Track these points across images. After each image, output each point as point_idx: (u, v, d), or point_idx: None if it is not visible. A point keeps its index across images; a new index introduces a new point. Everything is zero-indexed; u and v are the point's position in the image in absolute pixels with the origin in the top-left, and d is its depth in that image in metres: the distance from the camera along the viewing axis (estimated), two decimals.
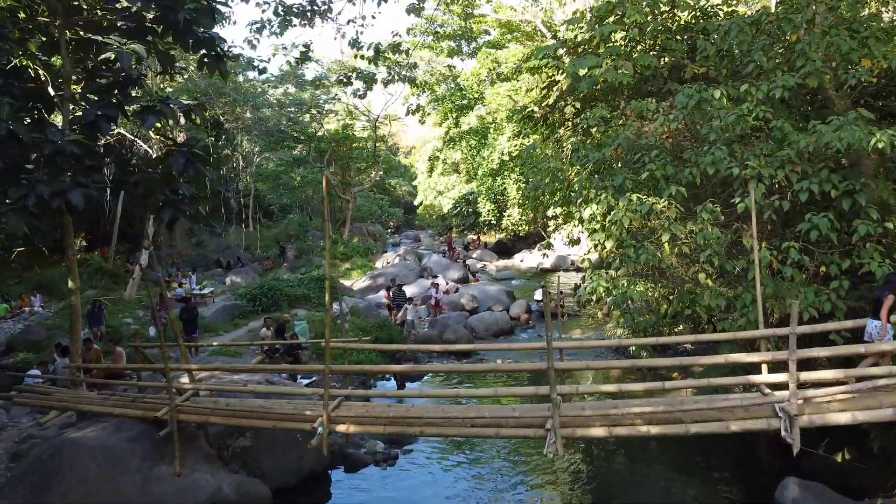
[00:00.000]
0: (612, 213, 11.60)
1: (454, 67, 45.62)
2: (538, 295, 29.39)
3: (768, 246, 10.65)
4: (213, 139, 38.55)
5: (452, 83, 48.77)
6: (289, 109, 41.01)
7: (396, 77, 22.12)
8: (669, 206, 11.03)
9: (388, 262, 39.44)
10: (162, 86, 28.10)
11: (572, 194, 17.85)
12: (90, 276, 32.12)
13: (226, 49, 13.24)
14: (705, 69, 14.41)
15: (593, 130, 15.12)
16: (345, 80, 18.19)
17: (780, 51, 12.19)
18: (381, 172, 60.65)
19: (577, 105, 15.60)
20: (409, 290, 28.98)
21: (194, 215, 12.31)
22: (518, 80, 46.01)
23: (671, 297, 11.98)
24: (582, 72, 14.88)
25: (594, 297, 12.44)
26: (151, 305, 19.94)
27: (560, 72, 16.88)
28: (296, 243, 42.63)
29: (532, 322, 27.35)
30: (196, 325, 18.63)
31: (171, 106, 11.81)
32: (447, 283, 30.68)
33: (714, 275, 11.13)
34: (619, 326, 15.18)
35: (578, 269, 41.14)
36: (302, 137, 43.33)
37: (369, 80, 18.90)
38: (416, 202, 69.34)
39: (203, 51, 12.27)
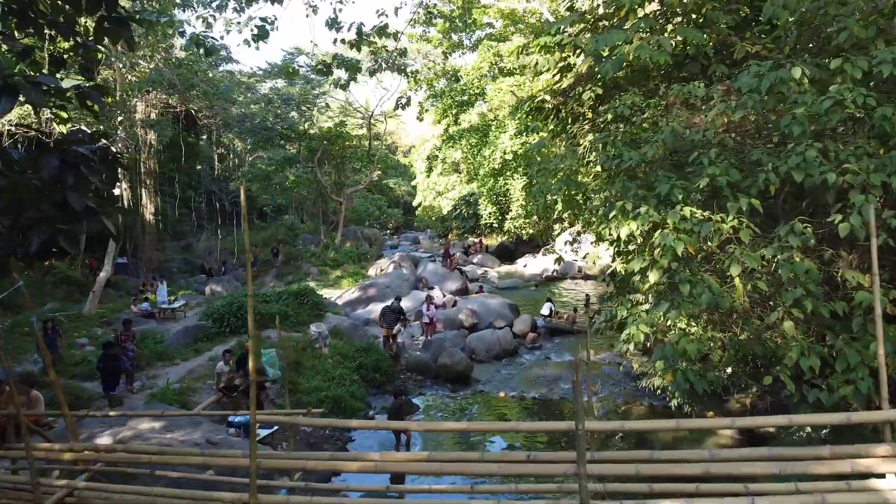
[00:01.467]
0: (658, 233, 8.40)
1: (449, 55, 42.32)
2: (545, 309, 26.22)
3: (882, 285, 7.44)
4: (187, 135, 35.76)
5: (451, 76, 45.67)
6: (275, 105, 37.76)
7: (384, 65, 18.74)
8: (741, 227, 7.82)
9: (381, 270, 36.24)
10: (130, 78, 24.94)
11: (590, 202, 14.80)
12: (55, 286, 29.03)
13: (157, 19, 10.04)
14: (759, 47, 11.18)
15: (615, 126, 11.89)
16: (323, 68, 14.80)
17: (883, 18, 8.94)
18: (378, 172, 57.56)
19: (598, 92, 12.35)
20: (403, 305, 25.77)
21: (73, 239, 9.01)
22: (522, 75, 42.88)
23: (739, 353, 8.72)
24: (605, 51, 11.69)
25: (630, 344, 9.22)
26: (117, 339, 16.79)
27: (576, 53, 13.65)
28: (284, 248, 39.44)
29: (539, 341, 24.14)
30: (116, 380, 14.89)
31: (46, 86, 8.54)
32: (444, 296, 27.49)
33: (804, 322, 7.90)
34: (663, 379, 11.89)
35: (587, 277, 37.99)
36: (292, 135, 40.13)
37: (352, 69, 15.52)
38: (414, 203, 66.20)
39: (101, 12, 8.99)
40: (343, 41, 16.14)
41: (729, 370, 9.65)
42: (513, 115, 42.75)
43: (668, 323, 8.65)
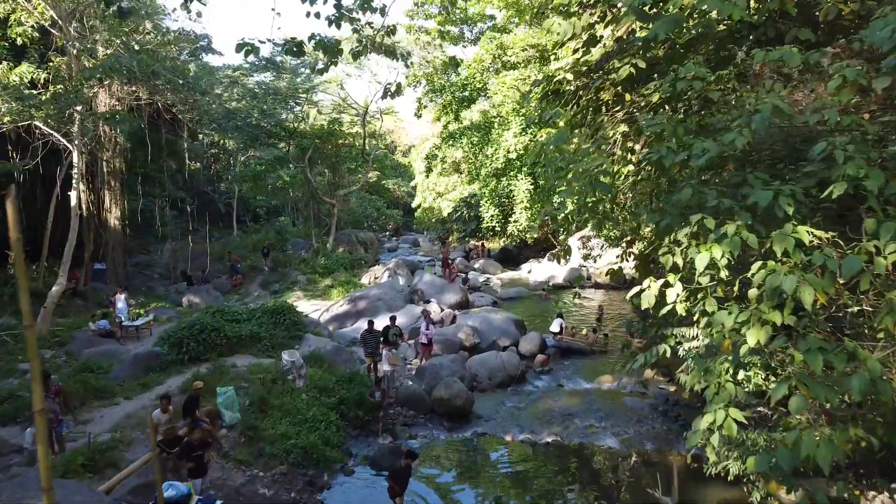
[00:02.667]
0: (762, 270, 5.28)
1: (446, 35, 39.08)
2: (555, 326, 23.07)
3: None
4: (165, 133, 32.55)
5: (450, 62, 42.46)
6: (261, 101, 34.53)
7: (369, 46, 15.50)
8: None
9: (375, 278, 33.11)
10: (88, 65, 21.76)
11: (623, 210, 11.77)
12: (13, 297, 25.92)
13: None
14: (855, 4, 8.00)
15: (668, 110, 8.77)
16: (293, 48, 11.52)
17: None
18: (376, 173, 54.33)
19: (642, 65, 9.17)
20: (397, 321, 22.64)
21: None
22: (526, 68, 39.73)
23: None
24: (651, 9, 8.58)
25: (712, 438, 6.05)
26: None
27: (605, 22, 10.49)
28: (273, 253, 36.29)
29: (549, 364, 21.00)
30: None
31: None
32: (441, 311, 24.37)
33: None
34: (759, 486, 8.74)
35: (597, 286, 34.82)
36: (282, 133, 36.94)
37: (331, 50, 12.23)
38: (414, 204, 63.06)
39: None
40: (317, 15, 13.04)
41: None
42: (522, 105, 39.61)
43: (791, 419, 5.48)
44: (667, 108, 8.51)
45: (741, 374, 6.63)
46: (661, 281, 6.52)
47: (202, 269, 35.75)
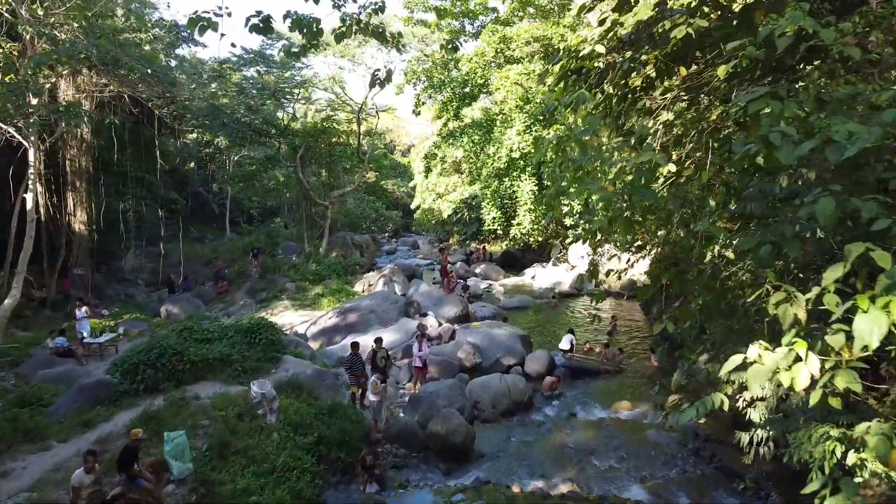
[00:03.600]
0: None
1: (441, 31, 36.54)
2: (565, 343, 20.62)
3: None
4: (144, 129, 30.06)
5: (448, 51, 39.91)
6: (248, 96, 32.03)
7: (355, 27, 12.94)
8: None
9: (368, 286, 30.61)
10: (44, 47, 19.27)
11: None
12: None
13: None
14: None
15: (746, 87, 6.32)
16: (260, 24, 8.89)
17: None
18: (374, 173, 51.80)
19: (702, 24, 6.66)
20: (389, 338, 20.18)
21: None
22: (531, 62, 37.21)
23: None
24: None
25: None
26: None
27: None
28: (262, 258, 33.80)
29: (559, 387, 18.51)
30: None
31: None
32: (439, 325, 21.89)
33: None
34: None
35: (607, 293, 32.24)
36: (272, 131, 34.42)
37: (308, 29, 9.59)
38: (413, 205, 60.57)
39: None
40: None
41: None
42: (526, 101, 37.11)
43: None
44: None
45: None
46: (782, 352, 4.02)
47: (185, 276, 33.21)
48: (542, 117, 36.72)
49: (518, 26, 38.31)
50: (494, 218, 39.09)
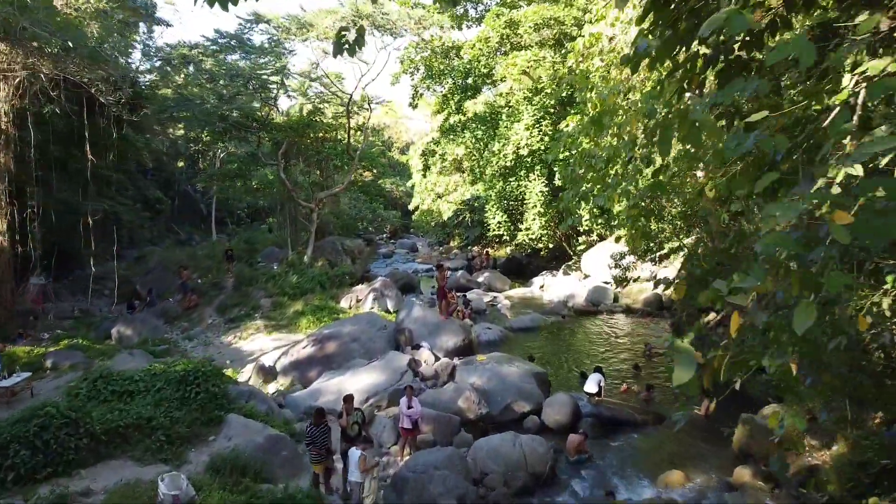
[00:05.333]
0: None
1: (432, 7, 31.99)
2: (591, 384, 16.28)
3: None
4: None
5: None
6: (221, 84, 27.63)
7: None
8: None
9: (356, 301, 26.24)
10: None
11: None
12: None
13: None
14: None
15: None
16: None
17: None
18: (370, 172, 47.26)
19: None
20: (372, 380, 15.88)
21: None
22: (541, 47, 32.79)
23: None
24: None
25: None
26: None
27: None
28: (237, 267, 29.43)
29: (587, 448, 14.14)
30: None
31: None
32: (434, 360, 17.51)
33: None
34: None
35: (629, 310, 27.92)
36: (251, 124, 30.03)
37: None
38: (411, 206, 56.19)
39: None
40: None
41: None
42: (529, 102, 32.70)
43: None
44: None
45: None
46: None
47: (150, 288, 28.80)
48: (552, 110, 32.34)
49: (526, 9, 33.81)
50: (500, 222, 34.69)
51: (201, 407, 12.55)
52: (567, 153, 23.54)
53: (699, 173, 16.15)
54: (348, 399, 11.88)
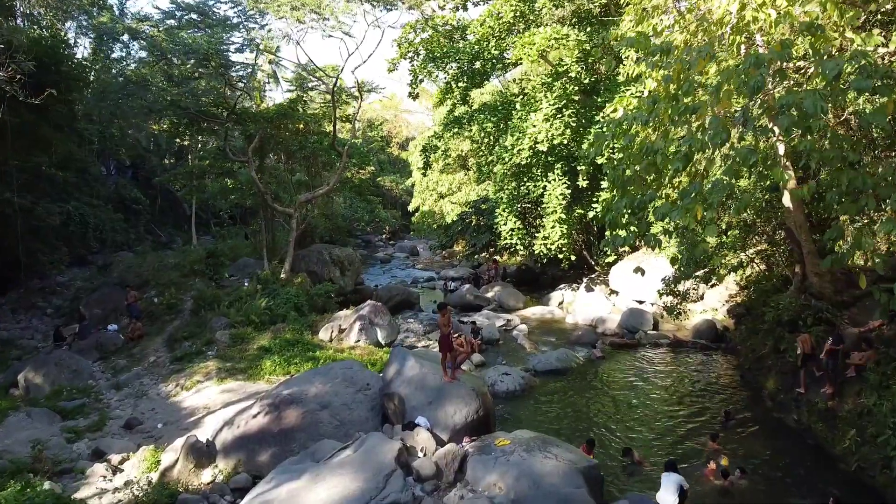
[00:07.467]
0: None
1: None
2: (669, 493, 10.69)
3: None
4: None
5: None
6: (177, 64, 22.01)
7: None
8: None
9: (339, 332, 20.71)
10: None
11: None
12: None
13: None
14: None
15: None
16: None
17: None
18: (369, 168, 41.47)
19: None
20: (340, 490, 10.27)
21: None
22: (563, 24, 27.09)
23: None
24: None
25: None
26: None
27: None
28: (199, 285, 23.78)
29: None
30: None
31: None
32: (436, 445, 11.87)
33: None
34: None
35: (677, 343, 22.28)
36: (218, 113, 24.39)
37: None
38: (411, 206, 50.60)
39: None
40: None
41: None
42: (549, 88, 27.05)
43: None
44: None
45: None
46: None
47: (83, 316, 23.12)
48: (576, 97, 26.64)
49: None
50: (512, 229, 29.00)
51: None
52: (611, 149, 17.97)
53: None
54: None
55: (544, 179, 27.65)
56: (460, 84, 31.10)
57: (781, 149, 12.97)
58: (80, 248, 34.16)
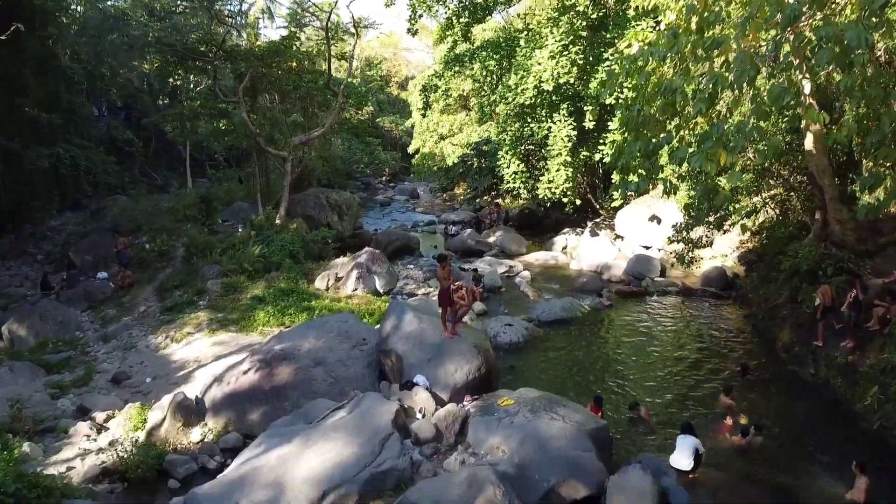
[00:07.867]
0: None
1: None
2: (684, 455, 10.08)
3: None
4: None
5: None
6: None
7: None
8: None
9: (335, 280, 19.94)
10: None
11: None
12: None
13: None
14: None
15: None
16: None
17: None
18: (362, 109, 40.00)
19: None
20: (333, 456, 9.57)
21: None
22: None
23: None
24: None
25: None
26: None
27: None
28: (190, 232, 22.87)
29: None
30: None
31: None
32: (436, 406, 11.15)
33: None
34: None
35: (686, 291, 21.54)
36: (206, 51, 23.02)
37: None
38: (411, 148, 49.24)
39: None
40: None
41: None
42: (555, 23, 25.59)
43: None
44: None
45: None
46: None
47: (71, 263, 22.29)
48: (583, 33, 25.18)
49: None
50: (515, 172, 27.90)
51: None
52: (625, 87, 16.76)
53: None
54: None
55: (549, 120, 26.42)
56: (461, 19, 29.52)
57: (807, 87, 11.91)
58: (72, 192, 33.23)
